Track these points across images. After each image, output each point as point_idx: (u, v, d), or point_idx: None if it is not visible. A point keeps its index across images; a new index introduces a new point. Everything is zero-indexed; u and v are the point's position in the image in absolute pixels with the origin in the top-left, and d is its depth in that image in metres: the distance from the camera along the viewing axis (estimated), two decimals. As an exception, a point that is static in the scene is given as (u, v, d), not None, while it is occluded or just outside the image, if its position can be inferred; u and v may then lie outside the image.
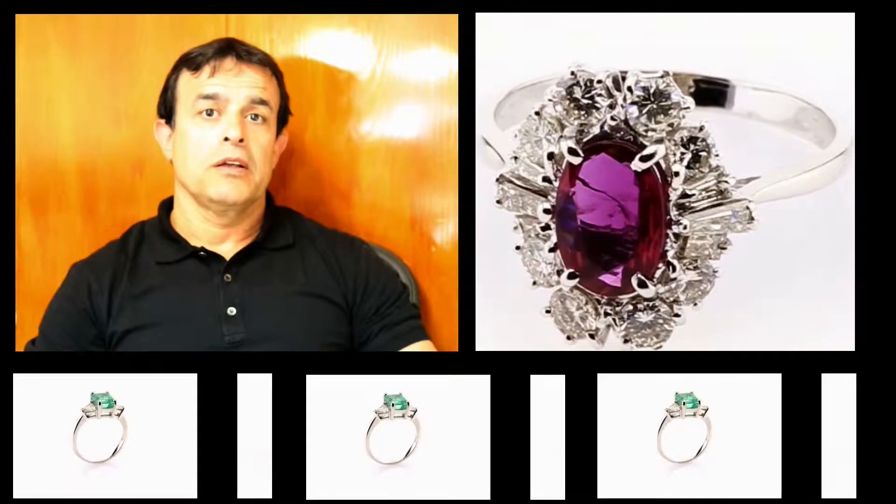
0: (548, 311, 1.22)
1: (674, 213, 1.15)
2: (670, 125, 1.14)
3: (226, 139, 1.46)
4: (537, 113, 1.19)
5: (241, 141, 1.46)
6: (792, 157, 1.44)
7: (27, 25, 1.67)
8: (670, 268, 1.16)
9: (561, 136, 1.18)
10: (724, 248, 1.16)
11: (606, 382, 1.25)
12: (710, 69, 1.53)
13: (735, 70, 1.53)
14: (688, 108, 1.13)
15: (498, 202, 1.22)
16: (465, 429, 1.26)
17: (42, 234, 1.73)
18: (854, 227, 1.32)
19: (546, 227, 1.20)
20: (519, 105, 1.42)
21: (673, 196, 1.15)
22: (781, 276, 1.32)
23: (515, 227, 1.22)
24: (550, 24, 1.61)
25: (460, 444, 1.26)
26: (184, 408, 1.27)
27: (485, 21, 1.49)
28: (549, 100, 1.18)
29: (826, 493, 1.23)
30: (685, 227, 1.15)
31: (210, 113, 1.47)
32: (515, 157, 1.21)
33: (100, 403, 1.25)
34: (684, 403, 1.23)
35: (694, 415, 1.23)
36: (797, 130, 1.49)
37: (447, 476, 1.25)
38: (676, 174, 1.14)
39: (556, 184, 1.19)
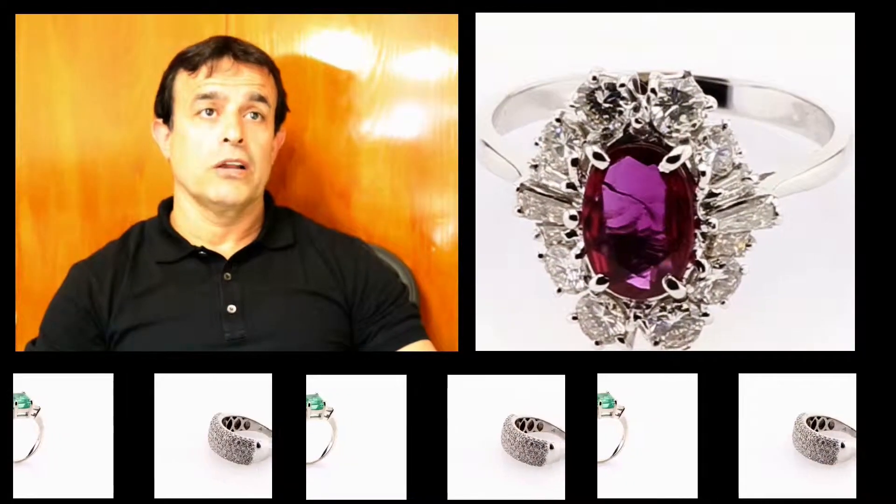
0: (575, 318, 1.22)
1: (701, 212, 1.16)
2: (694, 125, 1.14)
3: (225, 140, 1.46)
4: (558, 120, 1.19)
5: (241, 141, 1.46)
6: (785, 154, 1.44)
7: (27, 25, 1.67)
8: (700, 268, 1.17)
9: (585, 142, 1.18)
10: (750, 246, 1.16)
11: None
12: (709, 69, 1.53)
13: (733, 70, 1.53)
14: (710, 106, 1.14)
15: (519, 211, 1.21)
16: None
17: (42, 234, 1.73)
18: (854, 226, 1.32)
19: (572, 234, 1.20)
20: (517, 110, 1.42)
21: (700, 196, 1.16)
22: (781, 275, 1.32)
23: (537, 235, 1.22)
24: (550, 24, 1.61)
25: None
26: (100, 407, 1.26)
27: (485, 21, 1.49)
28: (571, 105, 1.18)
29: (743, 493, 1.23)
30: (713, 227, 1.15)
31: (209, 112, 1.47)
32: (535, 166, 1.21)
33: (16, 403, 1.25)
34: (601, 403, 1.23)
35: (610, 414, 1.23)
36: (789, 127, 1.49)
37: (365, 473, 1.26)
38: (703, 174, 1.15)
39: (582, 190, 1.19)
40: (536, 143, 1.20)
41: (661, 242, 1.17)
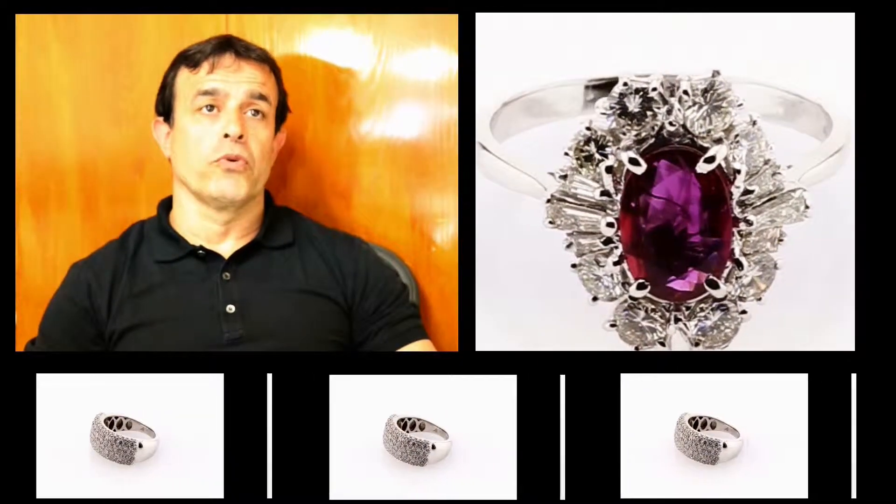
0: (612, 325, 1.22)
1: (737, 210, 1.16)
2: (726, 124, 1.15)
3: (225, 136, 1.46)
4: (588, 128, 1.19)
5: (241, 137, 1.46)
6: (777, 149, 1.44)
7: (27, 25, 1.67)
8: (738, 266, 1.17)
9: (618, 148, 1.18)
10: (782, 241, 1.18)
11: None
12: (708, 69, 1.52)
13: (732, 69, 1.53)
14: (741, 105, 1.15)
15: (551, 223, 1.21)
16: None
17: (42, 234, 1.73)
18: (854, 226, 1.32)
19: (608, 241, 1.20)
20: (514, 118, 1.42)
21: (736, 194, 1.16)
22: (781, 274, 1.32)
23: (569, 245, 1.21)
24: (551, 25, 1.61)
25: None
26: None
27: (485, 21, 1.49)
28: (602, 113, 1.18)
29: (624, 493, 1.23)
30: (751, 224, 1.16)
31: (210, 108, 1.47)
32: (564, 176, 1.20)
33: None
34: None
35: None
36: (776, 122, 1.49)
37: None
38: (738, 172, 1.15)
39: (617, 197, 1.19)
40: (566, 154, 1.20)
41: (700, 243, 1.18)
